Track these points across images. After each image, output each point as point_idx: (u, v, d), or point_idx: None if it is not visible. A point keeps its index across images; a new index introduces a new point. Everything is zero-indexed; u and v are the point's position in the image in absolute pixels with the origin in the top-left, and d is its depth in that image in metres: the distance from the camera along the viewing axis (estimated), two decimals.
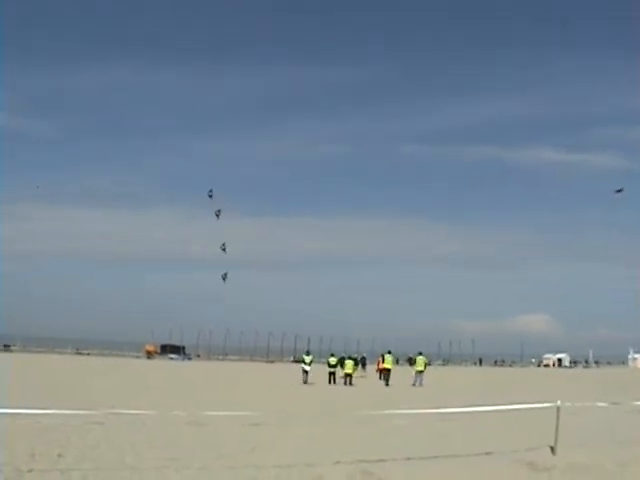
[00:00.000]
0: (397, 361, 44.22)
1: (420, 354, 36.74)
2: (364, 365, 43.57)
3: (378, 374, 39.39)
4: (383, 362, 37.27)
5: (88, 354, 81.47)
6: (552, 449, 11.65)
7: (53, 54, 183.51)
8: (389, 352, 37.95)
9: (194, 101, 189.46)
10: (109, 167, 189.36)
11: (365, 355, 47.25)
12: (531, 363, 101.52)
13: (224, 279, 74.38)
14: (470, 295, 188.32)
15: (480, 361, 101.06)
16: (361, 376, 40.37)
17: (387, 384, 34.37)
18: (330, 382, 34.95)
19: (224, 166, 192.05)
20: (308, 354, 37.77)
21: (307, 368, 35.86)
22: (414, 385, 33.63)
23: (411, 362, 43.84)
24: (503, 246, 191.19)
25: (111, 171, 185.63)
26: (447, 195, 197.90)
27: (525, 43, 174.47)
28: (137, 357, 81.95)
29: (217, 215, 67.63)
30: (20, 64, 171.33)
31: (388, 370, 35.66)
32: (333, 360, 36.62)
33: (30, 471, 9.18)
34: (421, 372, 34.76)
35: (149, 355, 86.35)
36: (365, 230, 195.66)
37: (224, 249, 70.97)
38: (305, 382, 34.72)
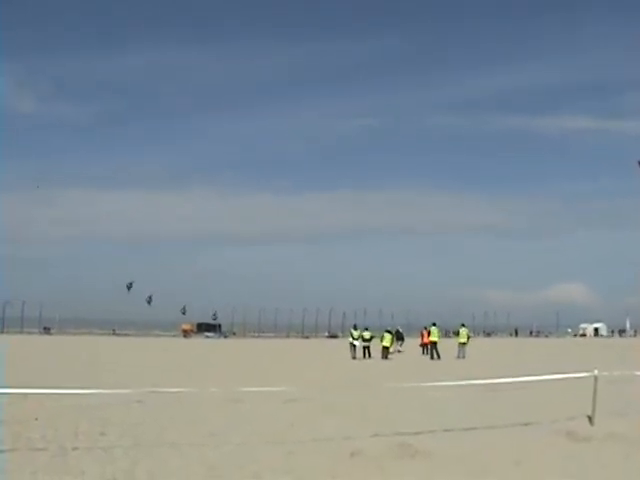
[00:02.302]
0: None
1: (463, 326, 36.38)
2: (401, 339, 42.09)
3: (422, 348, 37.83)
4: (429, 335, 35.87)
5: (125, 335, 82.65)
6: (590, 419, 11.58)
7: (79, 39, 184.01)
8: (434, 324, 36.39)
9: (223, 79, 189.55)
10: (139, 149, 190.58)
11: (399, 328, 45.71)
12: (567, 333, 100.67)
13: (129, 288, 79.25)
14: (504, 265, 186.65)
15: (516, 332, 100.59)
16: (398, 350, 39.61)
17: (433, 357, 33.60)
18: (365, 356, 34.97)
19: (251, 144, 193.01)
20: (356, 328, 37.27)
21: (357, 343, 35.43)
22: (458, 357, 33.34)
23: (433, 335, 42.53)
24: (537, 215, 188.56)
25: (141, 153, 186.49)
26: (478, 165, 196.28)
27: (552, 9, 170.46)
28: (174, 336, 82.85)
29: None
30: (47, 49, 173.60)
31: (434, 343, 34.54)
32: (367, 334, 36.47)
33: (74, 449, 9.40)
34: (464, 344, 34.44)
35: (186, 334, 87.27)
36: (395, 202, 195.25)
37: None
38: (354, 357, 34.53)
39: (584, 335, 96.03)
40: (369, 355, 35.04)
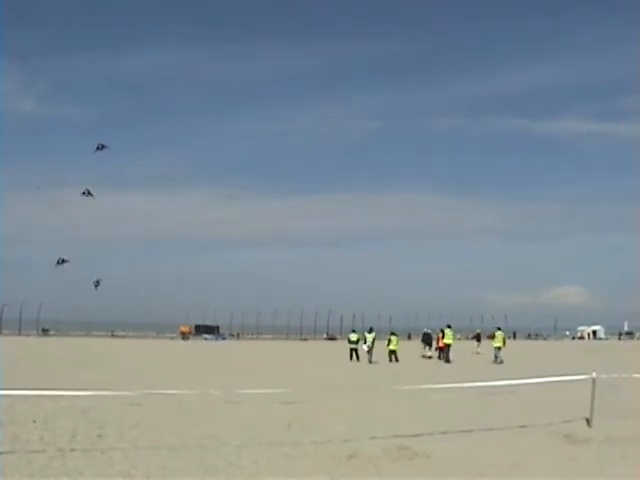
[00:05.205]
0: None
1: (499, 329, 34.97)
2: (429, 343, 37.62)
3: (437, 352, 35.46)
4: (443, 338, 34.60)
5: (123, 336, 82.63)
6: (588, 421, 11.60)
7: (79, 40, 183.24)
8: (449, 326, 35.38)
9: (227, 80, 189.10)
10: (144, 151, 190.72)
11: (427, 331, 39.95)
12: (565, 336, 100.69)
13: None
14: (503, 268, 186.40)
15: (514, 335, 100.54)
16: (428, 356, 36.21)
17: (448, 361, 32.66)
18: (352, 358, 33.87)
19: (256, 146, 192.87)
20: (371, 331, 34.89)
21: (365, 347, 33.59)
22: (495, 362, 31.67)
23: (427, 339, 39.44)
24: (536, 218, 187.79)
25: (146, 154, 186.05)
26: (479, 168, 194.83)
27: (552, 12, 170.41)
28: (172, 338, 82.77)
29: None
30: (48, 50, 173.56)
31: (448, 346, 33.75)
32: (354, 336, 35.21)
33: (72, 451, 9.39)
34: (499, 348, 32.67)
35: (184, 336, 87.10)
36: (394, 205, 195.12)
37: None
38: (370, 361, 32.49)
39: (582, 338, 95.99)
40: (357, 357, 33.89)
